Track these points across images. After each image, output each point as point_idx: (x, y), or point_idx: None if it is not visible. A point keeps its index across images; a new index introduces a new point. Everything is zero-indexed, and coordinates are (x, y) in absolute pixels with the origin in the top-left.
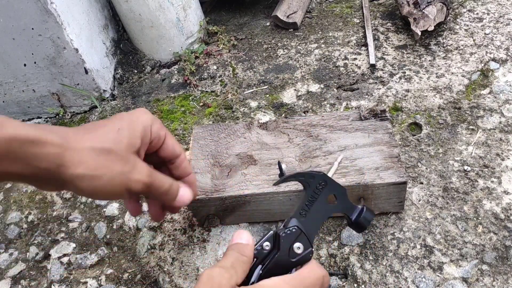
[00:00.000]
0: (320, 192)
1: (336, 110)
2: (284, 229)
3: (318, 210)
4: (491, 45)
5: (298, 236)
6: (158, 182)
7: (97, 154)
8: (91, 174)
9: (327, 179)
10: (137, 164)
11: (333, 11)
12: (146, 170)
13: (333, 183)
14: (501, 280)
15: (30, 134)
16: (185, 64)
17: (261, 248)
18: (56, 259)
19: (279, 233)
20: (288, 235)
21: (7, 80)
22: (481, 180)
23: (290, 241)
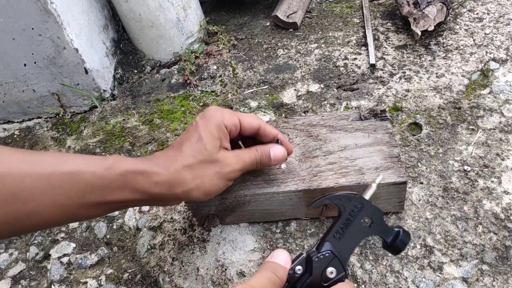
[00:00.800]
0: (356, 215)
1: (336, 110)
2: (317, 253)
3: (353, 233)
4: (491, 45)
5: (332, 260)
6: (248, 160)
7: (191, 169)
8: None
9: (363, 201)
10: (225, 159)
11: (333, 11)
12: (234, 159)
13: (370, 206)
14: (501, 280)
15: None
16: (185, 64)
17: (293, 272)
18: (56, 259)
19: (312, 257)
20: (321, 259)
21: (7, 80)
22: (481, 180)
23: (323, 266)
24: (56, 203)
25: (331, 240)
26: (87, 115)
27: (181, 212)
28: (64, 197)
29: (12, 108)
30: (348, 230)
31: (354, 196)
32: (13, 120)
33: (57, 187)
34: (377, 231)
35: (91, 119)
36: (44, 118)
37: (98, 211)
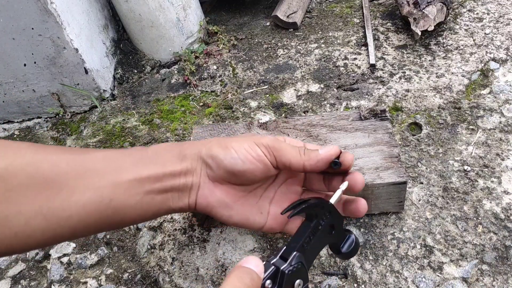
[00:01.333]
0: (324, 223)
1: (336, 110)
2: (288, 266)
3: (319, 241)
4: (491, 45)
5: (301, 271)
6: (286, 144)
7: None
8: (218, 141)
9: (332, 209)
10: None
11: (333, 11)
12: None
13: (336, 213)
14: (501, 280)
15: (168, 143)
16: (185, 64)
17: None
18: (56, 259)
19: (284, 270)
20: (293, 272)
21: (7, 80)
22: (481, 180)
23: (293, 279)
24: (91, 186)
25: (301, 250)
26: (87, 115)
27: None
28: (99, 178)
29: (12, 108)
30: (315, 238)
31: (326, 204)
32: (13, 120)
33: (92, 169)
34: (337, 238)
35: (91, 119)
36: (44, 118)
37: (135, 194)
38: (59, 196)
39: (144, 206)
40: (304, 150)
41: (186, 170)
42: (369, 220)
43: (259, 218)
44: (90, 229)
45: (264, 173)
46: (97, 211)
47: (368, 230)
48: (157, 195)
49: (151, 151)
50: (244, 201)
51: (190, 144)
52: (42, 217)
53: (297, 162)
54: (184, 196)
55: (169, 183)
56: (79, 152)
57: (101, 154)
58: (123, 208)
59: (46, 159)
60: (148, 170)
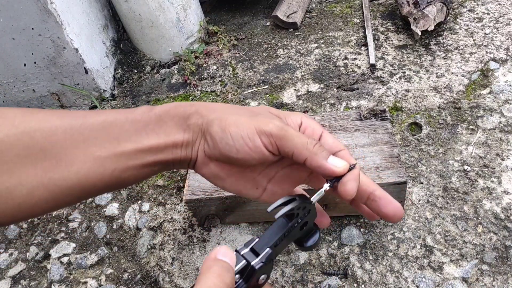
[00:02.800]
0: (301, 220)
1: (336, 110)
2: (259, 262)
3: (290, 237)
4: (491, 45)
5: (269, 267)
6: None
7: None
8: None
9: (312, 208)
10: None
11: (333, 11)
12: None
13: (314, 212)
14: (501, 280)
15: (171, 105)
16: (185, 64)
17: None
18: (56, 259)
19: (255, 266)
20: (262, 268)
21: (7, 80)
22: (481, 180)
23: (261, 274)
24: (91, 156)
25: (273, 247)
26: None
27: (181, 212)
28: (99, 148)
29: None
30: (288, 235)
31: (309, 204)
32: None
33: (91, 138)
34: (304, 234)
35: None
36: None
37: (138, 164)
38: (59, 167)
39: (146, 172)
40: (315, 145)
41: (187, 142)
42: (369, 220)
43: (253, 192)
44: (92, 194)
45: (260, 161)
46: (100, 181)
47: (368, 230)
48: (159, 164)
49: (155, 116)
50: (239, 176)
51: (196, 110)
52: (43, 188)
53: (299, 154)
54: (183, 165)
55: (170, 154)
56: (77, 117)
57: (101, 118)
58: (126, 177)
59: (41, 127)
60: (150, 140)
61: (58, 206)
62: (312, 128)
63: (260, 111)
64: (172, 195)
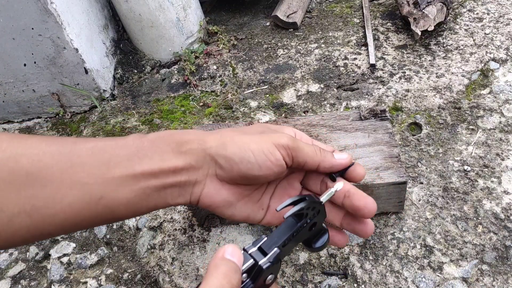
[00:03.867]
0: (310, 221)
1: (336, 110)
2: (267, 262)
3: (298, 238)
4: (491, 45)
5: (276, 267)
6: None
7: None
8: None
9: (322, 208)
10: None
11: (333, 11)
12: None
13: (324, 213)
14: (501, 280)
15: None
16: (185, 64)
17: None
18: (56, 259)
19: (262, 265)
20: (270, 268)
21: (7, 80)
22: (481, 180)
23: (268, 274)
24: (78, 183)
25: (281, 246)
26: (87, 115)
27: (181, 212)
28: (87, 174)
29: (12, 108)
30: (297, 236)
31: (318, 204)
32: (13, 120)
33: (78, 164)
34: (313, 234)
35: (91, 119)
36: (44, 118)
37: (128, 192)
38: (43, 193)
39: (138, 203)
40: (321, 150)
41: (189, 166)
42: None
43: (259, 214)
44: (79, 225)
45: (278, 175)
46: (85, 209)
47: None
48: (154, 192)
49: (148, 142)
50: (248, 199)
51: (194, 137)
52: (25, 215)
53: (313, 162)
54: (186, 192)
55: (168, 180)
56: (66, 143)
57: (91, 145)
58: (115, 206)
59: (28, 152)
60: (143, 165)
61: (41, 235)
62: (306, 138)
63: (262, 128)
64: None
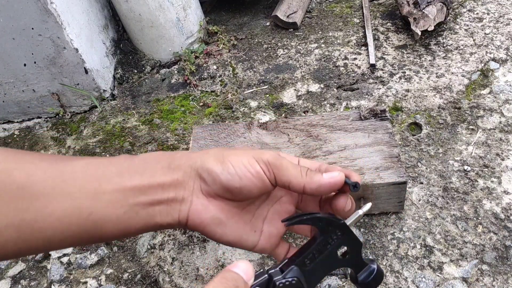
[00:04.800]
0: (334, 242)
1: (336, 110)
2: (282, 278)
3: (325, 261)
4: (491, 45)
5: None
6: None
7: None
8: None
9: (345, 229)
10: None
11: (333, 11)
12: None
13: (351, 235)
14: (501, 280)
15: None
16: (185, 64)
17: None
18: (56, 259)
19: (276, 281)
20: (286, 286)
21: (7, 80)
22: (481, 180)
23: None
24: (68, 197)
25: (300, 266)
26: (87, 115)
27: None
28: (78, 188)
29: (12, 108)
30: (320, 257)
31: (336, 221)
32: (13, 120)
33: (70, 179)
34: (351, 264)
35: (91, 119)
36: (44, 118)
37: (118, 208)
38: (33, 206)
39: (127, 220)
40: (307, 171)
41: (177, 182)
42: (369, 220)
43: (252, 237)
44: (67, 241)
45: (261, 190)
46: (74, 224)
47: (368, 230)
48: (143, 209)
49: (139, 160)
50: (238, 218)
51: (183, 154)
52: (14, 228)
53: (297, 183)
54: (174, 211)
55: (156, 196)
56: (59, 160)
57: (83, 162)
58: (104, 223)
59: (21, 167)
60: (133, 180)
61: (28, 250)
62: (290, 157)
63: (248, 148)
64: None
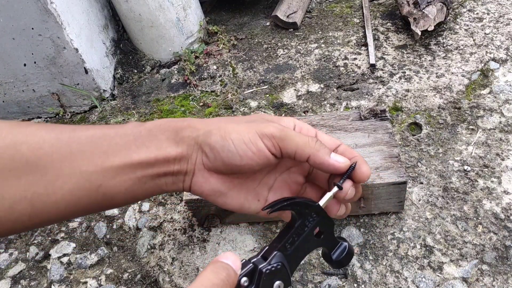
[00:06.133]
0: (310, 224)
1: (336, 110)
2: (267, 265)
3: (304, 243)
4: (491, 45)
5: (281, 272)
6: (294, 132)
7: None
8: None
9: (320, 211)
10: (273, 120)
11: (333, 11)
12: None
13: (325, 216)
14: (501, 280)
15: (163, 120)
16: (185, 64)
17: (238, 284)
18: (56, 259)
19: (262, 269)
20: (272, 272)
21: (7, 80)
22: (481, 180)
23: (272, 279)
24: (77, 170)
25: (283, 251)
26: (87, 115)
27: (181, 212)
28: (86, 162)
29: (12, 108)
30: (299, 240)
31: (312, 205)
32: (13, 120)
33: (78, 152)
34: (326, 243)
35: (91, 119)
36: (44, 118)
37: (126, 180)
38: (43, 180)
39: (136, 190)
40: (316, 142)
41: (181, 155)
42: (369, 220)
43: (255, 204)
44: (79, 212)
45: (264, 165)
46: (85, 196)
47: (368, 230)
48: (150, 180)
49: (145, 131)
50: (240, 187)
51: (188, 125)
52: (27, 202)
53: (302, 152)
54: (179, 181)
55: (162, 169)
56: (65, 131)
57: (90, 132)
58: (113, 194)
59: (28, 140)
60: (140, 153)
61: (41, 222)
62: (307, 128)
63: (255, 118)
64: (172, 195)
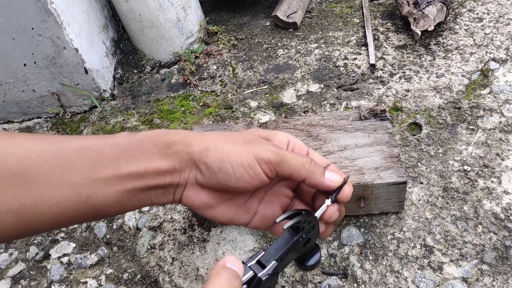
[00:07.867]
0: (305, 236)
1: (336, 110)
2: (266, 274)
3: (295, 252)
4: (491, 45)
5: (273, 281)
6: (290, 154)
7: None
8: (214, 144)
9: (316, 224)
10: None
11: (333, 11)
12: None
13: (318, 228)
14: (501, 280)
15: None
16: (185, 64)
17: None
18: (56, 259)
19: (262, 277)
20: (269, 281)
21: (7, 80)
22: (481, 180)
23: (267, 286)
24: (65, 182)
25: (279, 259)
26: (87, 115)
27: (181, 212)
28: (75, 173)
29: (12, 108)
30: (294, 249)
31: (314, 218)
32: (13, 120)
33: (66, 163)
34: (307, 250)
35: (91, 119)
36: (44, 118)
37: (115, 192)
38: (31, 192)
39: (125, 202)
40: (311, 163)
41: (173, 169)
42: (369, 220)
43: (244, 217)
44: (66, 223)
45: (259, 186)
46: (73, 208)
47: (368, 230)
48: (140, 192)
49: (136, 142)
50: (230, 202)
51: (181, 139)
52: (13, 214)
53: (298, 175)
54: (169, 193)
55: (152, 181)
56: (53, 142)
57: (78, 143)
58: (102, 206)
59: (15, 152)
60: (130, 166)
61: (29, 232)
62: (300, 146)
63: (251, 136)
64: None
